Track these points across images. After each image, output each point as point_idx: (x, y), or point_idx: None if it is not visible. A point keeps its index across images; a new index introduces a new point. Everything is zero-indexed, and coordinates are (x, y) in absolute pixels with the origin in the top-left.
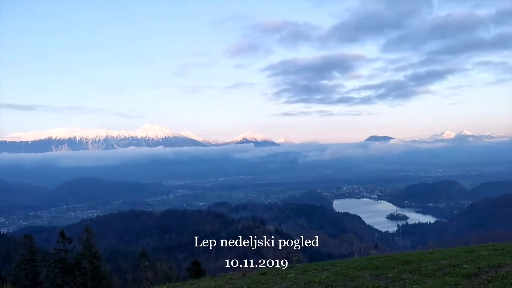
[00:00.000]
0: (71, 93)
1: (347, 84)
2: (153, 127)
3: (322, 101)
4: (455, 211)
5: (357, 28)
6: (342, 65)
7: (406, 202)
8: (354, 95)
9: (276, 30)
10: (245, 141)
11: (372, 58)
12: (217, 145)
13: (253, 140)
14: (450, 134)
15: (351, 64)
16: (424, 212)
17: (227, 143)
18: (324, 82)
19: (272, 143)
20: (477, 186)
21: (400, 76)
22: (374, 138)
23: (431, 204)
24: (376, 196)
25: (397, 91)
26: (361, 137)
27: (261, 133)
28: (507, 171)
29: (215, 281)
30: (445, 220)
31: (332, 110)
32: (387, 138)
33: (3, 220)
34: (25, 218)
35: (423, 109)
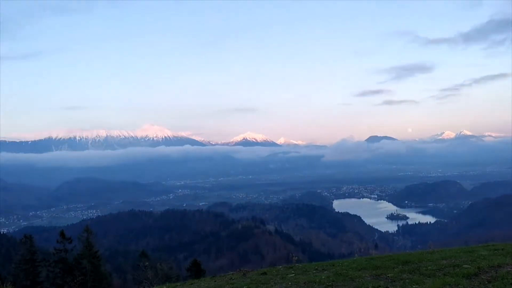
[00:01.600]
0: (71, 92)
1: (401, 87)
2: (153, 127)
3: (367, 102)
4: (455, 211)
5: (477, 33)
6: (422, 69)
7: (406, 202)
8: (400, 98)
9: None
10: (245, 141)
11: (464, 63)
12: (217, 145)
13: (253, 140)
14: (450, 134)
15: (430, 69)
16: (424, 212)
17: (227, 143)
18: (388, 85)
19: (272, 143)
20: (477, 186)
21: (461, 80)
22: (374, 138)
23: (431, 204)
24: (376, 196)
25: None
26: (362, 136)
27: (262, 134)
28: (507, 171)
29: (215, 281)
30: (445, 220)
31: (359, 110)
32: (387, 138)
33: (3, 220)
34: (25, 218)
35: (424, 109)
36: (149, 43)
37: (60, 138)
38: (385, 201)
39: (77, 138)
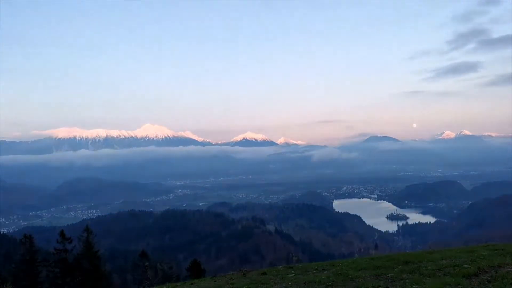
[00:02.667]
0: (71, 92)
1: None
2: (153, 127)
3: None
4: (455, 211)
5: None
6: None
7: (406, 202)
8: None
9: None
10: (245, 141)
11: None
12: (217, 145)
13: (253, 140)
14: (450, 134)
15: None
16: (424, 212)
17: (227, 143)
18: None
19: (272, 143)
20: (477, 186)
21: (497, 76)
22: (374, 138)
23: (431, 204)
24: (376, 196)
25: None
26: (362, 136)
27: (262, 133)
28: (507, 171)
29: (215, 281)
30: (445, 220)
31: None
32: (387, 138)
33: (3, 220)
34: (25, 218)
35: (424, 108)
36: (150, 43)
37: (60, 138)
38: (385, 201)
39: (77, 138)
